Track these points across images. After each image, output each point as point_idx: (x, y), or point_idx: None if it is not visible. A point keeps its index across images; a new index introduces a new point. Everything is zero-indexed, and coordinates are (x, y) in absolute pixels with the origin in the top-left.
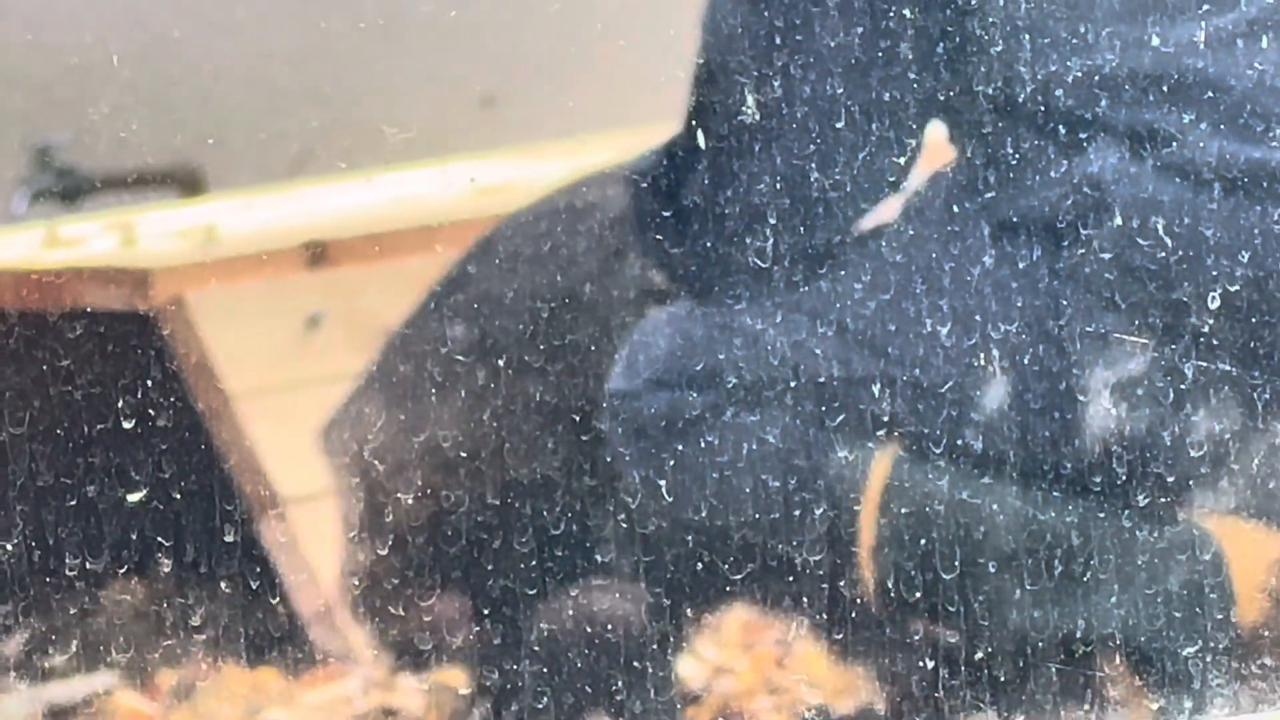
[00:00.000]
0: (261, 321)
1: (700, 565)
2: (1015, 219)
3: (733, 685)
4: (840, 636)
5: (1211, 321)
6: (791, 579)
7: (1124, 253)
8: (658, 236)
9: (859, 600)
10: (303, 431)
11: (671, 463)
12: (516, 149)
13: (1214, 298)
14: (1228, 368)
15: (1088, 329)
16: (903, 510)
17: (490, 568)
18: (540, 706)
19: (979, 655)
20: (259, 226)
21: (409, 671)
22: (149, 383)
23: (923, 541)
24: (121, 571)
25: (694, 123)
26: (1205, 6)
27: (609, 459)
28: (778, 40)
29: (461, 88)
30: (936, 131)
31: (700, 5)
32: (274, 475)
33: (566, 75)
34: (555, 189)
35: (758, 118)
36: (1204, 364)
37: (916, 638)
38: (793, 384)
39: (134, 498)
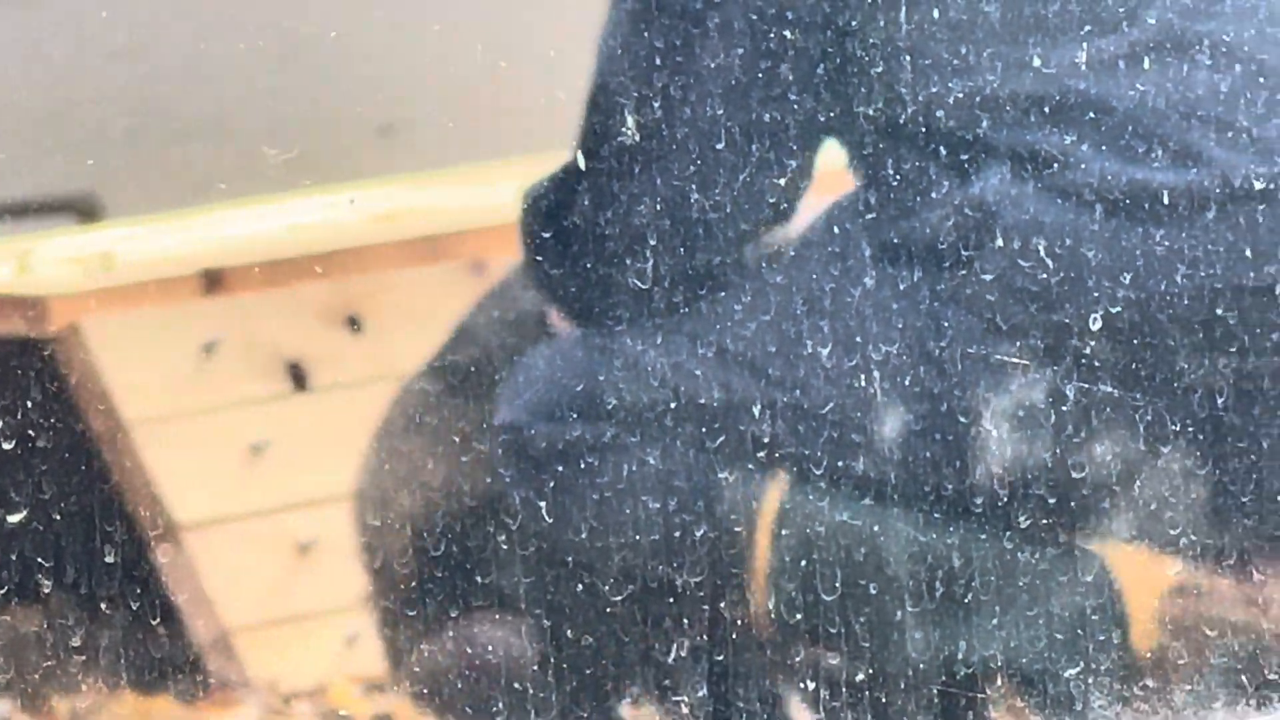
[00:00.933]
0: (158, 348)
1: (580, 588)
2: (897, 240)
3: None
4: (721, 658)
5: (1094, 343)
6: (672, 601)
7: (1006, 274)
8: (539, 259)
9: (740, 622)
10: (199, 458)
11: (553, 485)
12: (414, 176)
13: (1096, 319)
14: (1110, 390)
15: (970, 351)
16: (792, 534)
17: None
18: None
19: (860, 677)
20: (155, 253)
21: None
22: (43, 408)
23: (811, 565)
24: (7, 594)
25: (578, 145)
26: (1087, 28)
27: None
28: (658, 62)
29: (359, 115)
30: (836, 157)
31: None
32: (170, 502)
33: (465, 103)
34: None
35: (638, 139)
36: (1086, 386)
37: (798, 659)
38: (673, 405)
39: (14, 518)
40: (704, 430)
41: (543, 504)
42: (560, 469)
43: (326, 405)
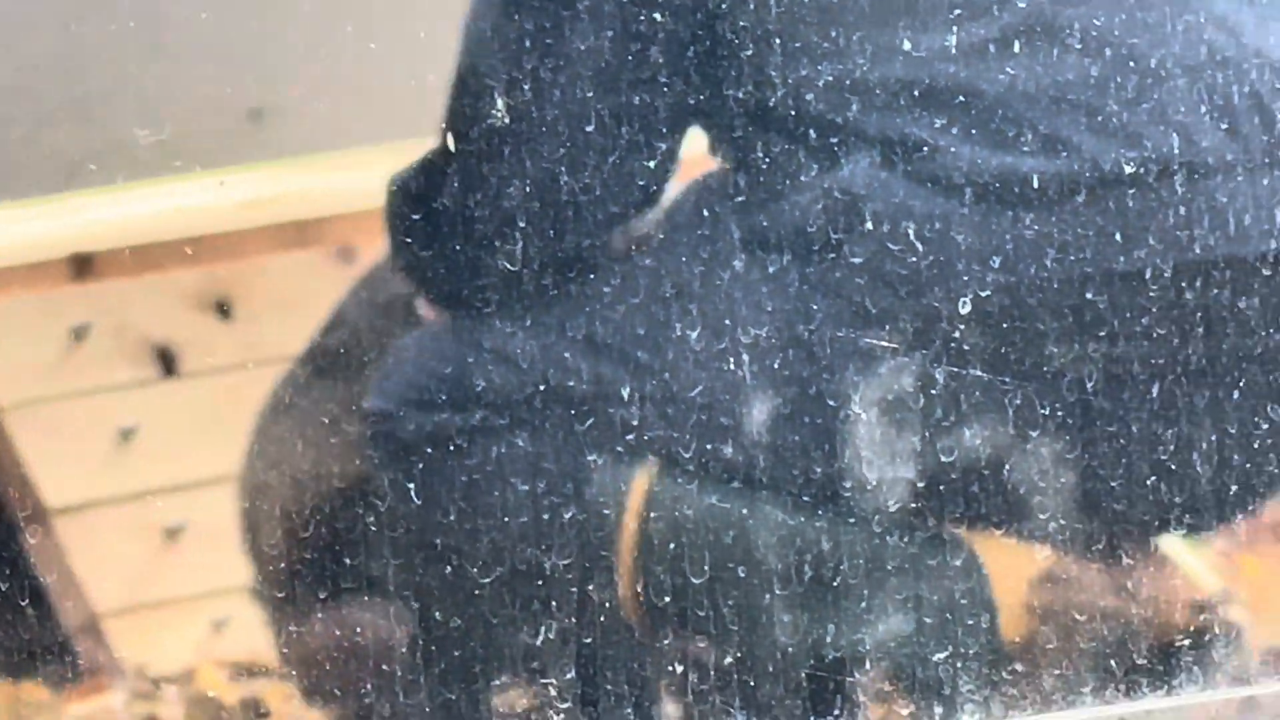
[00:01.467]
0: (27, 334)
1: (449, 571)
2: (766, 225)
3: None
4: (589, 641)
5: (963, 328)
6: (540, 584)
7: (875, 259)
8: (406, 244)
9: (608, 605)
10: (69, 443)
11: (422, 469)
12: (285, 162)
13: (965, 304)
14: (979, 375)
15: (838, 335)
16: (661, 518)
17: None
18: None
19: (728, 661)
20: (24, 239)
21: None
22: None
23: (679, 549)
24: None
25: (446, 129)
26: (957, 13)
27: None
28: (528, 44)
29: (229, 101)
30: (699, 142)
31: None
32: (40, 486)
33: (336, 89)
34: None
35: (507, 122)
36: (955, 370)
37: (666, 643)
38: (542, 390)
39: None
40: (572, 415)
41: (412, 487)
42: (429, 453)
43: (195, 390)
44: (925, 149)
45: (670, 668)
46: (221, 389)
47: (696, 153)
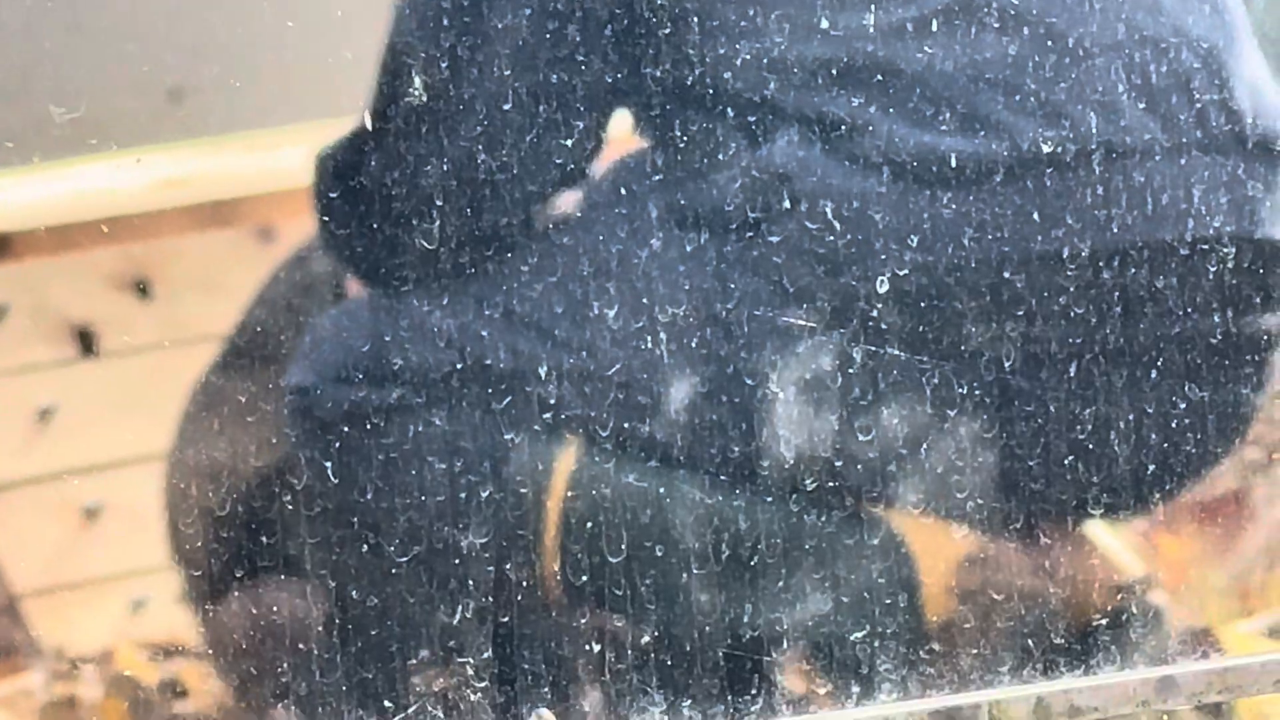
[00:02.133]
0: None
1: (366, 549)
2: (685, 203)
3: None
4: (506, 620)
5: (881, 307)
6: (457, 562)
7: (793, 238)
8: (328, 220)
9: (526, 584)
10: None
11: (338, 447)
12: (203, 142)
13: (883, 283)
14: (897, 354)
15: (757, 314)
16: (579, 497)
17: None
18: (219, 699)
19: (646, 640)
20: None
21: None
22: None
23: (599, 528)
24: None
25: (368, 107)
26: None
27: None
28: (446, 22)
29: (148, 80)
30: (623, 121)
31: None
32: None
33: (255, 68)
34: None
35: (425, 100)
36: (873, 349)
37: (584, 622)
38: (460, 367)
39: None
40: (490, 392)
41: (329, 465)
42: (346, 431)
43: (114, 370)
44: (843, 127)
45: (588, 647)
46: (141, 368)
47: (626, 132)
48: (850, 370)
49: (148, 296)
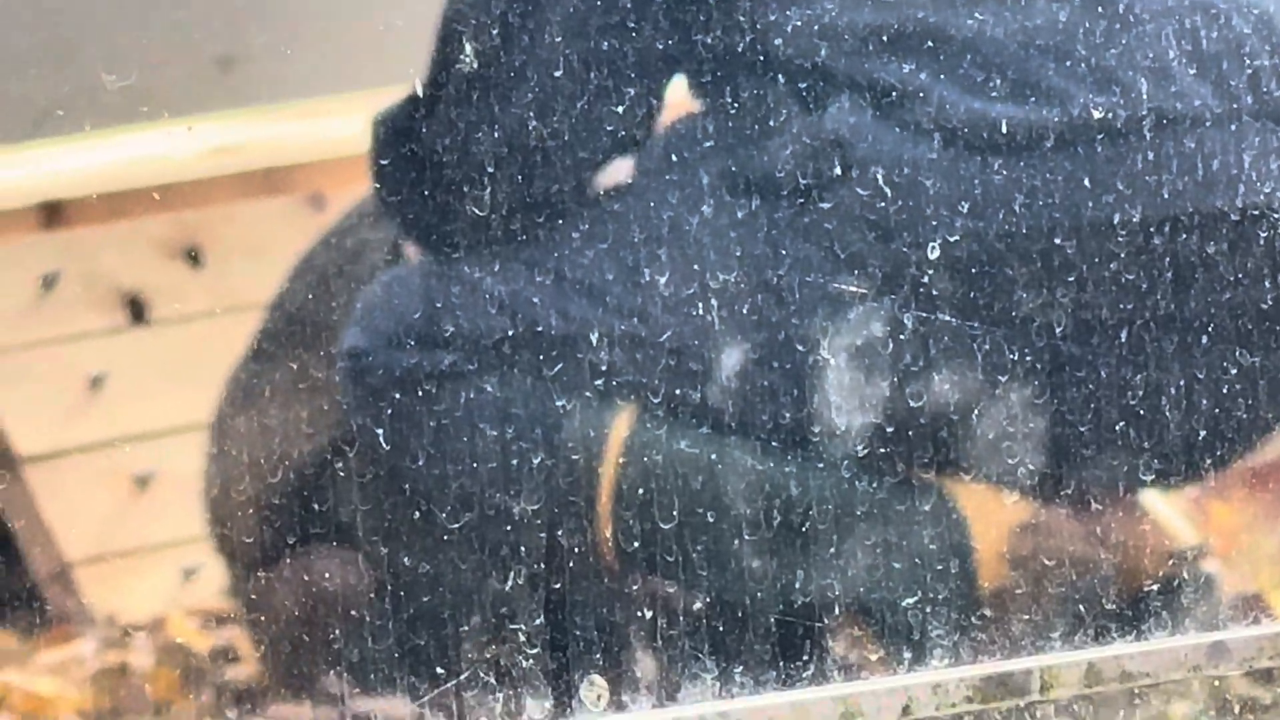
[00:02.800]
0: None
1: (418, 516)
2: (736, 169)
3: None
4: (558, 586)
5: (932, 273)
6: (509, 529)
7: (845, 204)
8: (384, 184)
9: (578, 550)
10: (39, 391)
11: (391, 413)
12: (254, 110)
13: (934, 249)
14: (948, 320)
15: (808, 280)
16: (632, 463)
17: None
18: (271, 666)
19: (697, 606)
20: None
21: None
22: None
23: (651, 495)
24: None
25: (424, 73)
26: None
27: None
28: None
29: (198, 48)
30: (680, 87)
31: None
32: (9, 434)
33: (306, 36)
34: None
35: (477, 68)
36: (925, 315)
37: (635, 588)
38: (511, 334)
39: None
40: (542, 359)
41: (381, 432)
42: (399, 396)
43: (165, 338)
44: (895, 94)
45: (640, 613)
46: (191, 336)
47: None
48: (901, 336)
49: (198, 264)
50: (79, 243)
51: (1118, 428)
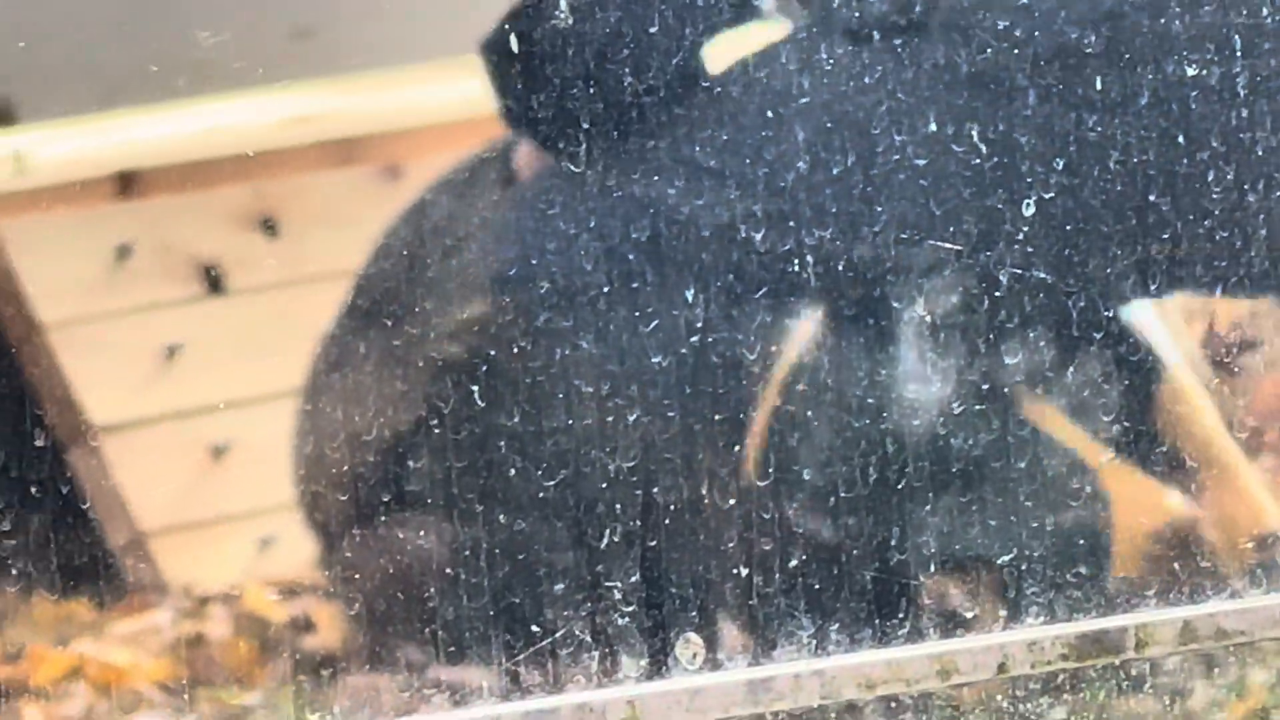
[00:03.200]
0: (72, 252)
1: (513, 473)
2: (830, 125)
3: None
4: (654, 543)
5: (1027, 230)
6: (605, 486)
7: (938, 159)
8: (502, 89)
9: (672, 508)
10: (114, 361)
11: (485, 369)
12: (330, 80)
13: (1029, 206)
14: (1043, 276)
15: (902, 237)
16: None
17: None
18: (359, 630)
19: (793, 563)
20: (69, 156)
21: None
22: None
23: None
24: None
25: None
26: None
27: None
28: None
29: (276, 18)
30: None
31: None
32: (86, 405)
33: (383, 6)
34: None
35: (571, 22)
36: (1019, 271)
37: (730, 545)
38: (606, 290)
39: None
40: (637, 315)
41: (475, 389)
42: (492, 352)
43: (241, 308)
44: (989, 50)
45: (735, 571)
46: (267, 306)
47: None
48: (996, 294)
49: (275, 234)
50: (155, 212)
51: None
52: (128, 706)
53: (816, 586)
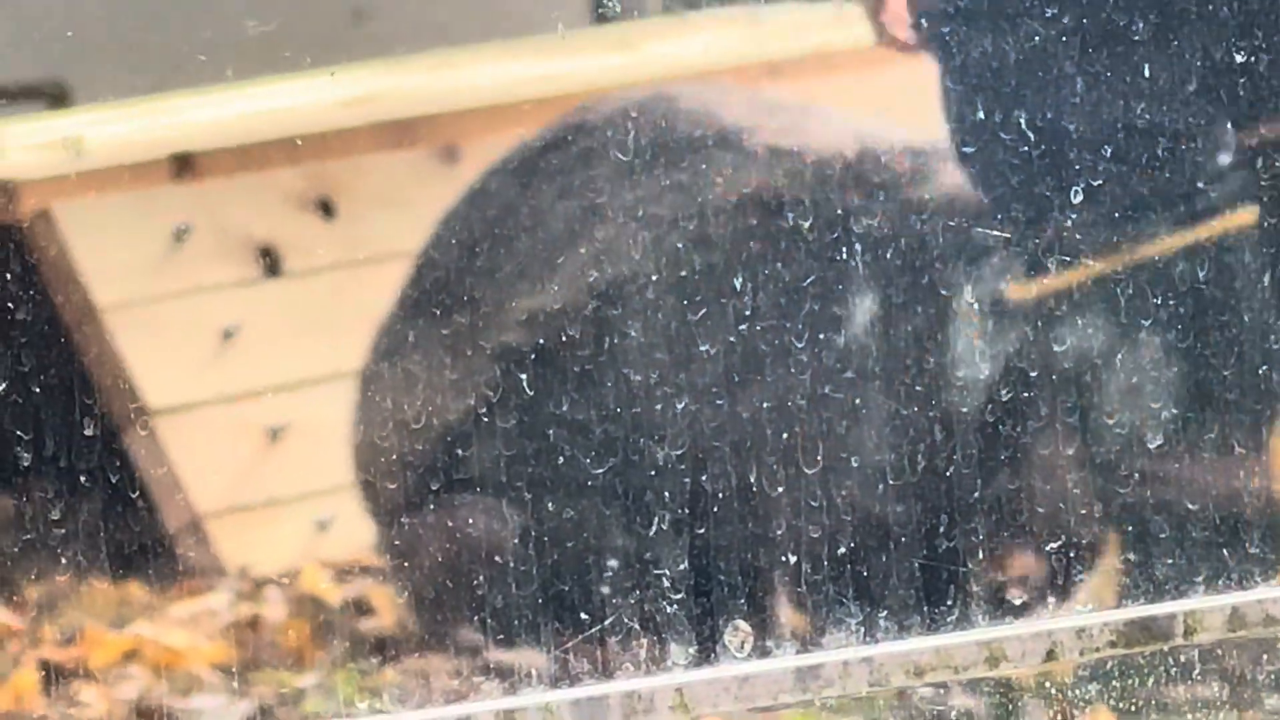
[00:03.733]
0: (128, 233)
1: (561, 461)
2: None
3: None
4: (702, 531)
5: (1075, 217)
6: (653, 474)
7: (988, 149)
8: None
9: (721, 495)
10: (171, 343)
11: (534, 358)
12: (387, 62)
13: (1077, 194)
14: (1090, 263)
15: (950, 224)
16: None
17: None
18: (411, 613)
19: (841, 551)
20: (126, 138)
21: None
22: (12, 294)
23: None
24: None
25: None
26: None
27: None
28: None
29: (331, 1)
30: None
31: None
32: (142, 387)
33: None
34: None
35: None
36: (1067, 260)
37: (779, 532)
38: (654, 279)
39: None
40: (685, 303)
41: (524, 377)
42: (540, 341)
43: (298, 290)
44: (1037, 37)
45: (784, 558)
46: (324, 288)
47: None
48: (1044, 280)
49: (331, 216)
50: (211, 195)
51: (1260, 371)
52: (183, 689)
53: (864, 574)
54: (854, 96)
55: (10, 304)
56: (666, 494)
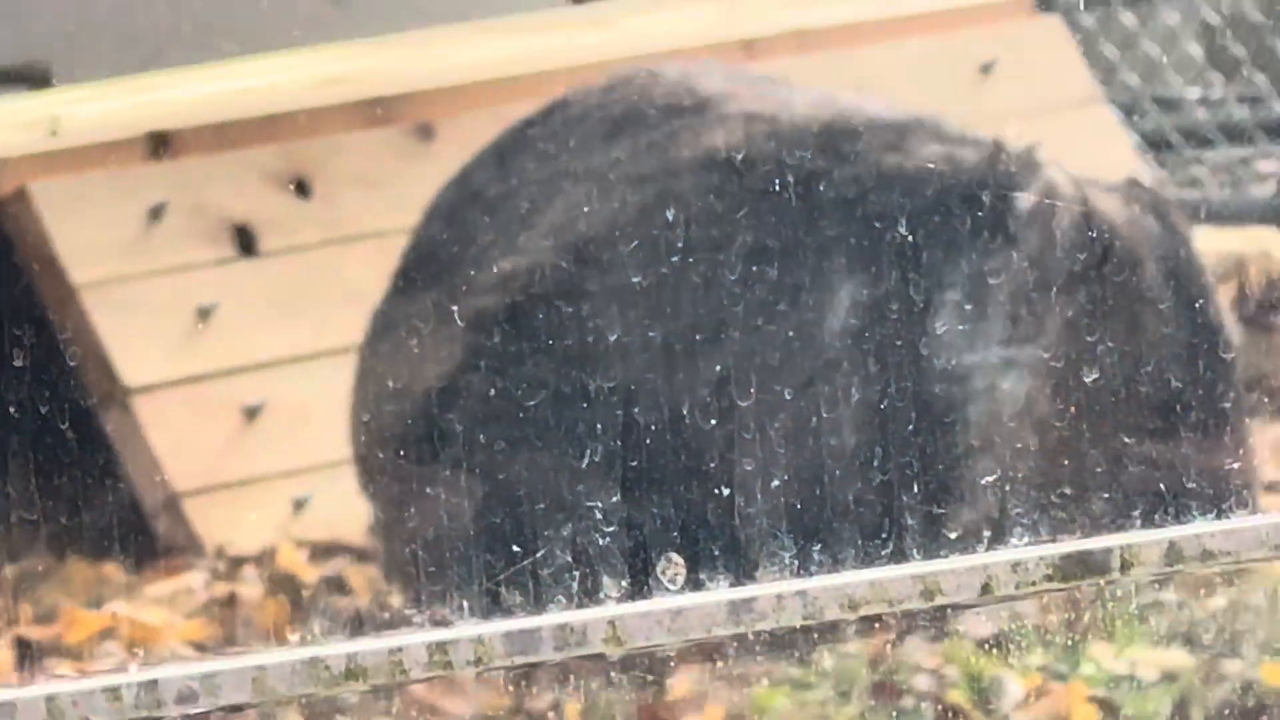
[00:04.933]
0: (104, 212)
1: (492, 394)
2: None
3: None
4: (635, 464)
5: None
6: (585, 406)
7: None
8: None
9: (654, 428)
10: (147, 322)
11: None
12: (362, 41)
13: None
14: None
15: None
16: None
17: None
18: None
19: (775, 484)
20: (102, 117)
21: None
22: None
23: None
24: None
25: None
26: None
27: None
28: None
29: None
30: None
31: None
32: (118, 365)
33: None
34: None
35: None
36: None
37: (712, 465)
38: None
39: None
40: (618, 238)
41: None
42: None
43: (274, 269)
44: None
45: (718, 491)
46: (300, 267)
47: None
48: None
49: (307, 195)
50: (187, 173)
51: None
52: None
53: (798, 506)
54: (831, 74)
55: None
56: (599, 426)
